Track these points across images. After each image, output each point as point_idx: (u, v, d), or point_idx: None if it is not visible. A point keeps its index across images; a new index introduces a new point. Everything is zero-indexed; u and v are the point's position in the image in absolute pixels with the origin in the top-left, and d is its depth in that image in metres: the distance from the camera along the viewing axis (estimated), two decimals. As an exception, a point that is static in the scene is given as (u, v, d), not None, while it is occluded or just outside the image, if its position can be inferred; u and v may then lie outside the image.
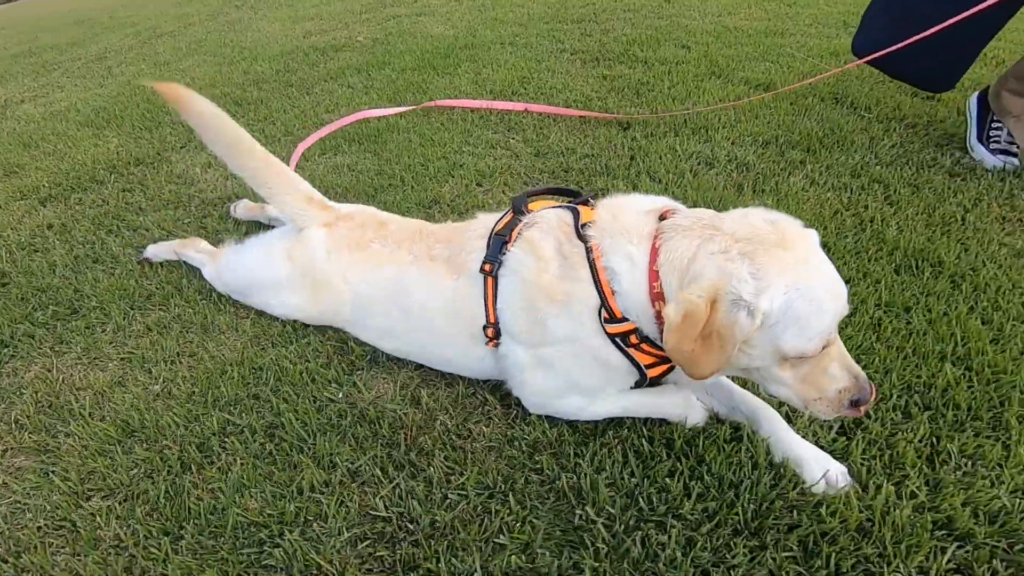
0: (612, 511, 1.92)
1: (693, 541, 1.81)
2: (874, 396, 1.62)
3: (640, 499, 1.94)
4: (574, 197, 2.07)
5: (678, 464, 2.01)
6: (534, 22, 8.15)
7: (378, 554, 1.90)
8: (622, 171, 3.91)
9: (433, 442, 2.24)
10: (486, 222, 2.16)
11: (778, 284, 1.50)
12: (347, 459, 2.20)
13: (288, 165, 2.84)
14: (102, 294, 3.24)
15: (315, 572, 1.87)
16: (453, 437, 2.26)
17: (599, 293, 1.77)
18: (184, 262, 3.22)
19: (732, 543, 1.80)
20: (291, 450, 2.25)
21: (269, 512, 2.04)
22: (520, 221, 2.00)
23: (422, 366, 2.57)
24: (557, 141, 4.42)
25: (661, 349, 1.77)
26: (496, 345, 2.05)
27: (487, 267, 2.00)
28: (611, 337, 1.81)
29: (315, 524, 2.00)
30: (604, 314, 1.78)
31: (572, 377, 1.94)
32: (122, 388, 2.63)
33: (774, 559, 1.75)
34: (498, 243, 2.01)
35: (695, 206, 3.39)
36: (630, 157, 4.09)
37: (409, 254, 2.28)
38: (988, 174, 3.52)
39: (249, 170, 2.58)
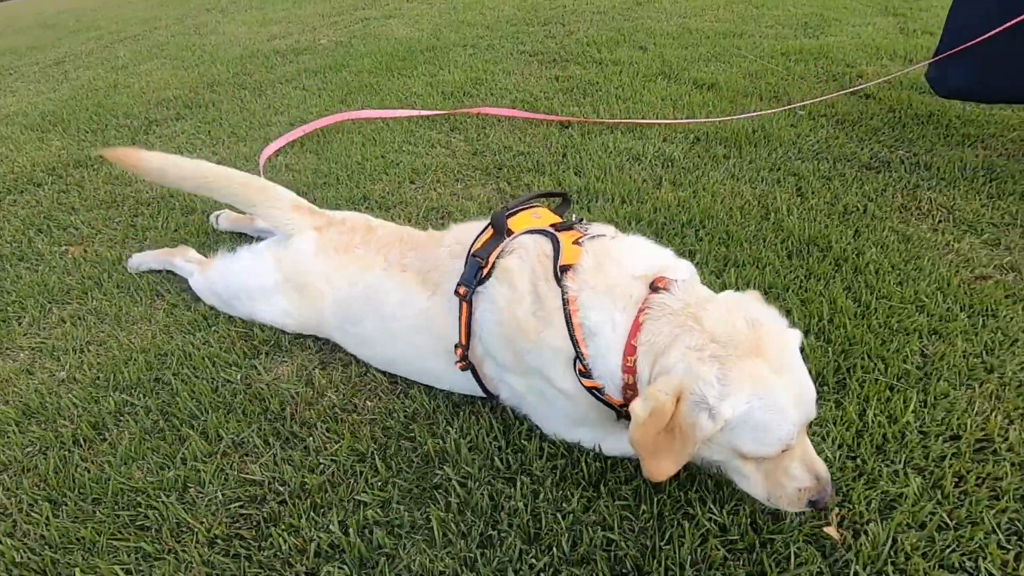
0: (470, 470, 2.17)
1: (537, 493, 2.07)
2: (831, 496, 1.68)
3: (497, 459, 2.20)
4: (562, 199, 2.25)
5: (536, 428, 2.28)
6: (500, 24, 8.49)
7: (245, 512, 2.15)
8: (552, 167, 4.19)
9: (318, 415, 2.50)
10: (460, 236, 2.24)
11: (742, 392, 1.55)
12: (232, 432, 2.46)
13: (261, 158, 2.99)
14: (22, 290, 3.50)
15: (184, 529, 2.11)
16: (337, 411, 2.52)
17: (574, 346, 1.82)
18: (170, 271, 3.34)
19: (571, 494, 2.06)
20: (181, 426, 2.51)
21: (151, 480, 2.29)
22: (497, 244, 2.06)
23: (324, 349, 2.84)
24: (496, 140, 4.71)
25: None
26: (464, 367, 2.14)
27: (461, 290, 2.06)
28: (586, 387, 1.87)
29: (192, 489, 2.25)
30: (579, 366, 1.84)
31: (565, 408, 2.00)
32: (28, 375, 2.89)
33: (607, 507, 2.01)
34: (474, 266, 2.06)
35: (613, 200, 3.69)
36: (562, 154, 4.37)
37: (384, 260, 2.40)
38: (901, 166, 3.80)
39: (231, 197, 2.77)
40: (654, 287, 1.78)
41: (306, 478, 2.23)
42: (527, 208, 2.21)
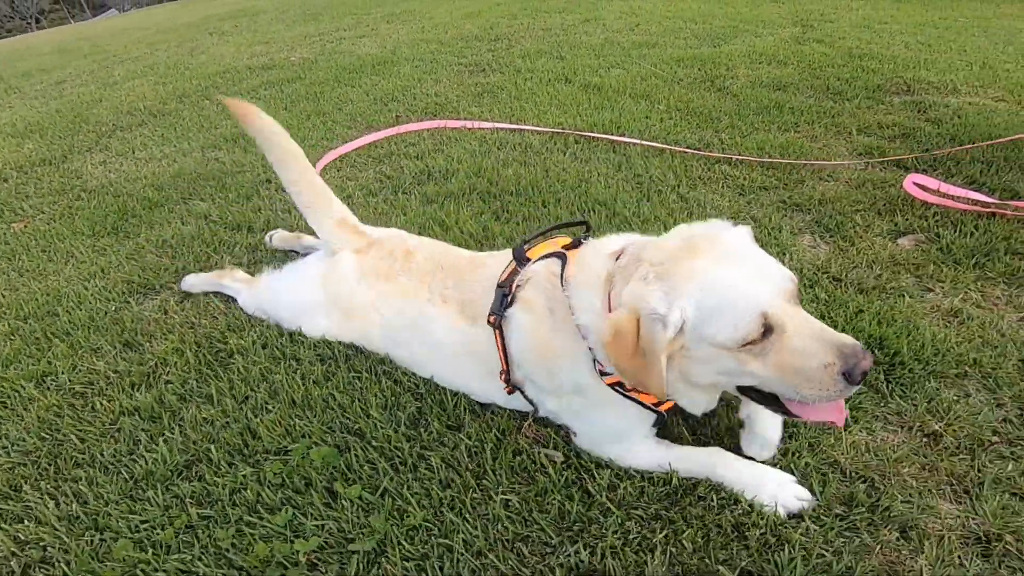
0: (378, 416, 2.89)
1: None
2: (868, 360, 1.53)
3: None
4: (585, 227, 2.21)
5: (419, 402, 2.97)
6: (455, 42, 9.30)
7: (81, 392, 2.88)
8: (429, 154, 4.94)
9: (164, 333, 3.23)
10: (494, 268, 2.29)
11: (686, 291, 1.60)
12: (91, 341, 3.20)
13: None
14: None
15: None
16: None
17: (587, 346, 1.90)
18: (220, 292, 3.41)
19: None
20: (53, 339, 3.26)
21: (18, 372, 3.04)
22: (519, 273, 2.14)
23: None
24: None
25: None
26: (511, 391, 2.23)
27: (491, 319, 2.16)
28: (610, 385, 1.95)
29: (49, 379, 2.99)
30: (598, 365, 1.93)
31: (599, 423, 2.07)
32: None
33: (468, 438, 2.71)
34: (499, 296, 2.15)
35: (468, 176, 4.40)
36: (436, 147, 5.12)
37: (427, 292, 2.46)
38: (720, 147, 4.49)
39: (296, 185, 2.78)
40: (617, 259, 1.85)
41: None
42: (545, 238, 2.26)
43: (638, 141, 4.59)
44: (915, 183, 3.46)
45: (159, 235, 4.17)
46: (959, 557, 1.81)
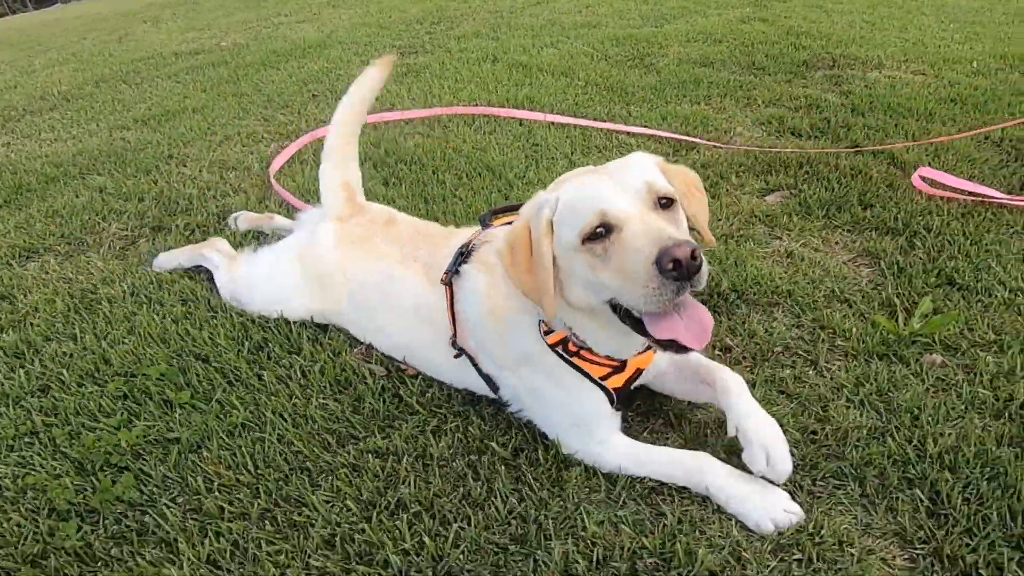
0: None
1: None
2: (681, 249, 1.66)
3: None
4: None
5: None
6: (395, 25, 9.91)
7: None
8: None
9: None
10: (465, 237, 2.50)
11: (555, 194, 1.96)
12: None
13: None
14: None
15: None
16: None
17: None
18: (200, 266, 3.54)
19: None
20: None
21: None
22: (482, 236, 2.33)
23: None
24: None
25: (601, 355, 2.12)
26: (458, 355, 2.41)
27: (444, 277, 2.36)
28: (554, 349, 2.14)
29: None
30: (543, 326, 2.12)
31: (555, 400, 2.21)
32: None
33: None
34: (457, 255, 2.37)
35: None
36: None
37: (399, 253, 2.66)
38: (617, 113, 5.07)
39: (339, 127, 3.11)
40: None
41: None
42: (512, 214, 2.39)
43: (535, 115, 5.14)
44: (921, 176, 3.68)
45: (50, 206, 4.68)
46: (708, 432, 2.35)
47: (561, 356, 2.16)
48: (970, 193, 3.56)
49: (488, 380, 2.42)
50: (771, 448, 2.01)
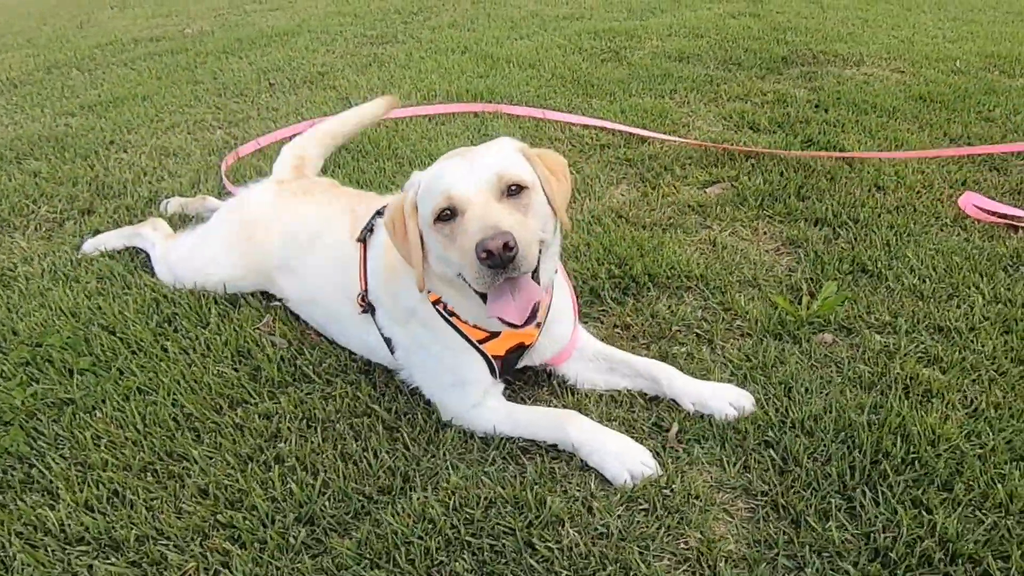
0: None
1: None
2: (495, 241, 2.05)
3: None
4: None
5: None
6: (372, 14, 10.32)
7: None
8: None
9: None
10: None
11: (428, 170, 2.36)
12: None
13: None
14: None
15: None
16: None
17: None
18: (134, 247, 3.91)
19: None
20: None
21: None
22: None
23: None
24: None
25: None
26: (364, 311, 2.70)
27: (359, 234, 2.72)
28: (435, 307, 2.49)
29: None
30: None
31: (436, 356, 2.55)
32: None
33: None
34: (374, 215, 2.72)
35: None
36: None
37: (341, 206, 3.01)
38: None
39: (326, 136, 3.90)
40: None
41: None
42: None
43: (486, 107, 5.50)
44: (974, 204, 3.83)
45: (-20, 189, 5.03)
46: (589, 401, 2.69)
47: (440, 314, 2.50)
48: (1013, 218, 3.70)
49: (387, 341, 2.71)
50: (727, 396, 2.55)
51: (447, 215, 2.22)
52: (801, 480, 2.25)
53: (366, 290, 2.72)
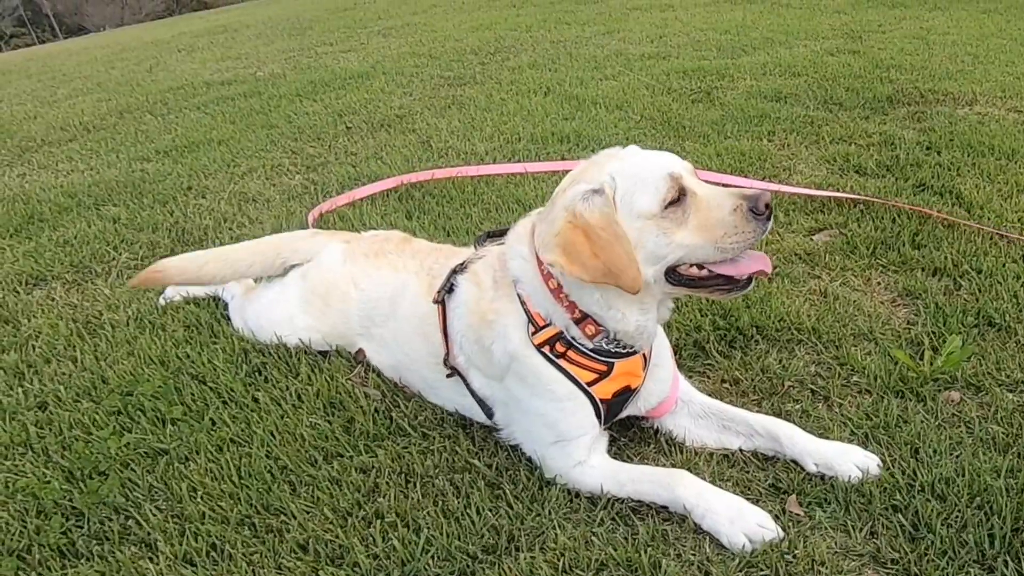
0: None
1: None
2: (767, 195, 2.29)
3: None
4: None
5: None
6: (448, 55, 10.63)
7: None
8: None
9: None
10: (463, 256, 2.90)
11: (603, 175, 2.35)
12: None
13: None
14: None
15: None
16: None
17: (522, 307, 2.51)
18: (215, 297, 4.04)
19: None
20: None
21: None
22: (476, 255, 2.76)
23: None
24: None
25: (588, 356, 2.53)
26: (451, 374, 2.80)
27: (435, 296, 2.77)
28: (540, 350, 2.52)
29: None
30: (531, 328, 2.51)
31: (537, 411, 2.58)
32: None
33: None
34: (450, 274, 2.78)
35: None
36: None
37: (416, 265, 3.07)
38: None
39: (259, 265, 3.56)
40: None
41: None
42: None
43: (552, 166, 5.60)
44: None
45: (61, 235, 5.31)
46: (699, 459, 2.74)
47: (547, 357, 2.52)
48: None
49: (481, 403, 2.78)
50: (853, 457, 2.55)
51: (677, 198, 2.32)
52: (935, 548, 2.24)
53: (448, 353, 2.79)
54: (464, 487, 2.64)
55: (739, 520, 2.33)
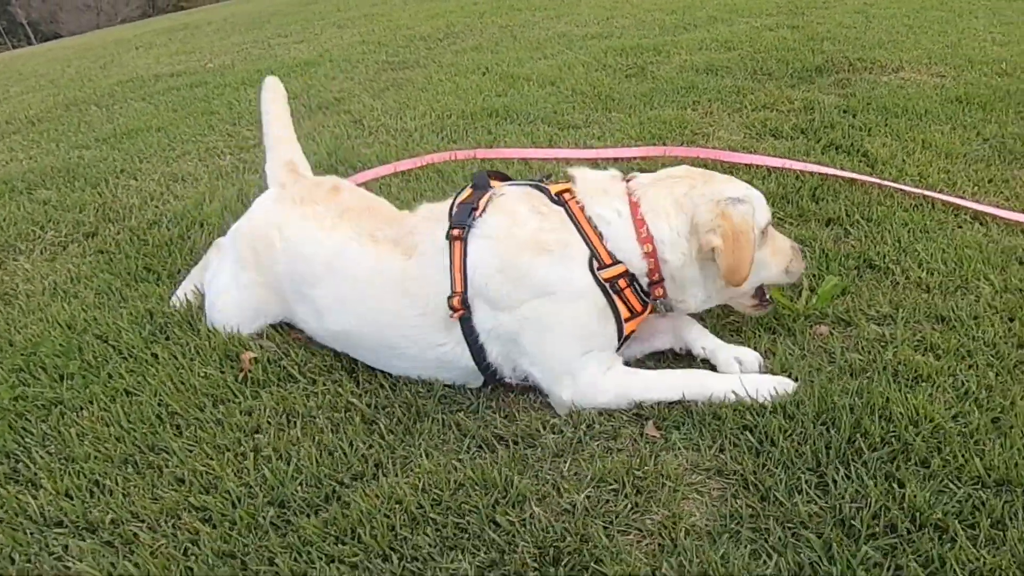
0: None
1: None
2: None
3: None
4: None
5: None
6: (398, 42, 10.75)
7: None
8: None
9: None
10: (432, 209, 2.90)
11: (737, 187, 2.78)
12: None
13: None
14: None
15: None
16: None
17: (587, 243, 2.62)
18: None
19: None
20: None
21: None
22: (485, 193, 2.77)
23: None
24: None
25: (642, 294, 2.75)
26: (461, 316, 2.68)
27: (456, 232, 2.68)
28: (600, 284, 2.64)
29: None
30: (596, 263, 2.63)
31: (572, 327, 2.66)
32: None
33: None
34: (466, 209, 2.72)
35: None
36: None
37: (351, 230, 2.96)
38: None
39: (268, 116, 3.80)
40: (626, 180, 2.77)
41: None
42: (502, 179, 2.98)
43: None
44: None
45: (-12, 218, 5.40)
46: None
47: (604, 290, 2.67)
48: None
49: (472, 347, 2.75)
50: (734, 353, 2.87)
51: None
52: (774, 459, 2.38)
53: (463, 291, 2.67)
54: (342, 423, 2.78)
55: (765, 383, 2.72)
